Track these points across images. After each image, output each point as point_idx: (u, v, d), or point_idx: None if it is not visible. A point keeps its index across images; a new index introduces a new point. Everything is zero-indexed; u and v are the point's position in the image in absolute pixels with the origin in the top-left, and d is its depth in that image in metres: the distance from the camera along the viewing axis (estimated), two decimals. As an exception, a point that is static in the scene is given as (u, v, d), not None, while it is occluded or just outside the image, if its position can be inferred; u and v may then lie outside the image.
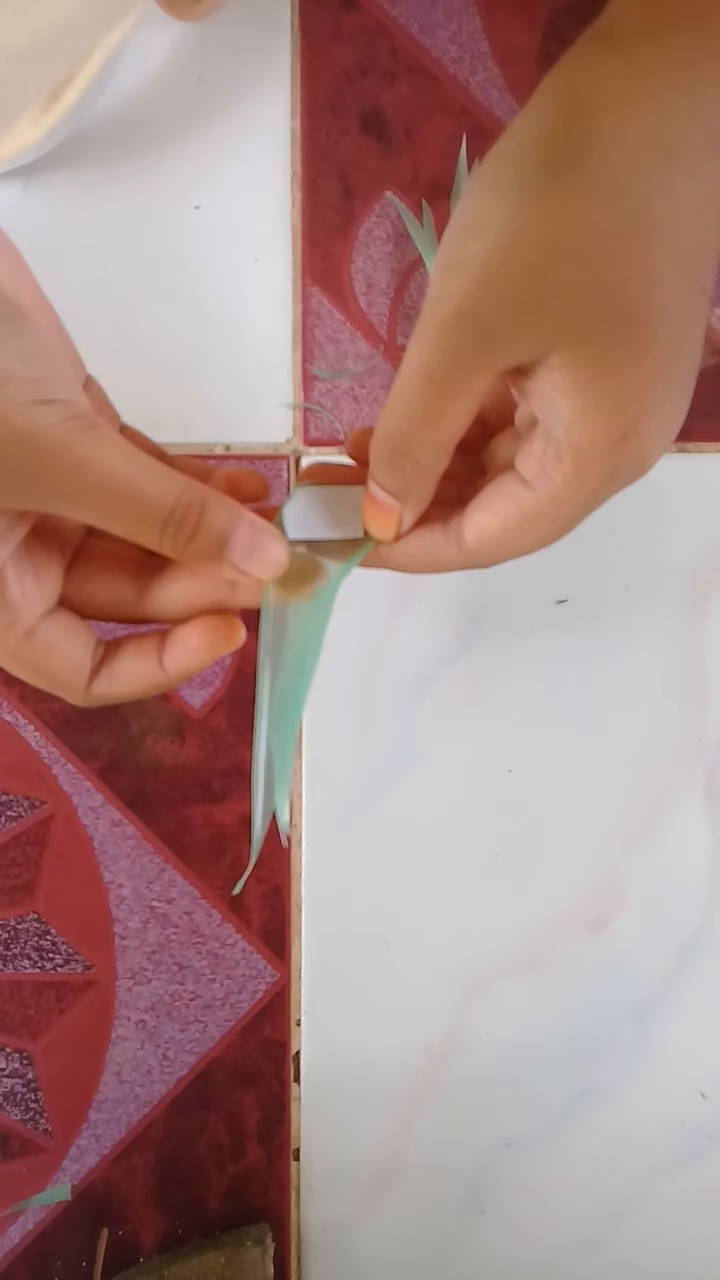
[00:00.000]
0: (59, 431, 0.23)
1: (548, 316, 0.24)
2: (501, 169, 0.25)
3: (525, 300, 0.24)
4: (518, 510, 0.27)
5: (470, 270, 0.24)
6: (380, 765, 0.44)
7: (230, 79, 0.46)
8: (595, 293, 0.24)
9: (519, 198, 0.24)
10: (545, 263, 0.24)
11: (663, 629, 0.44)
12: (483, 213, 0.24)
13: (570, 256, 0.23)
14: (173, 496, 0.25)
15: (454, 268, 0.25)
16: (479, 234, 0.24)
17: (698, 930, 0.44)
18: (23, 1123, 0.44)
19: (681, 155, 0.24)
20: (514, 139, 0.25)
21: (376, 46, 0.46)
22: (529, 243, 0.24)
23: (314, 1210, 0.44)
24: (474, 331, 0.24)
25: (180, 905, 0.44)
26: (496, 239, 0.24)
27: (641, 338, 0.24)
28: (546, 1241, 0.43)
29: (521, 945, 0.44)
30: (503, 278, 0.24)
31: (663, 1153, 0.44)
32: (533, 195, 0.24)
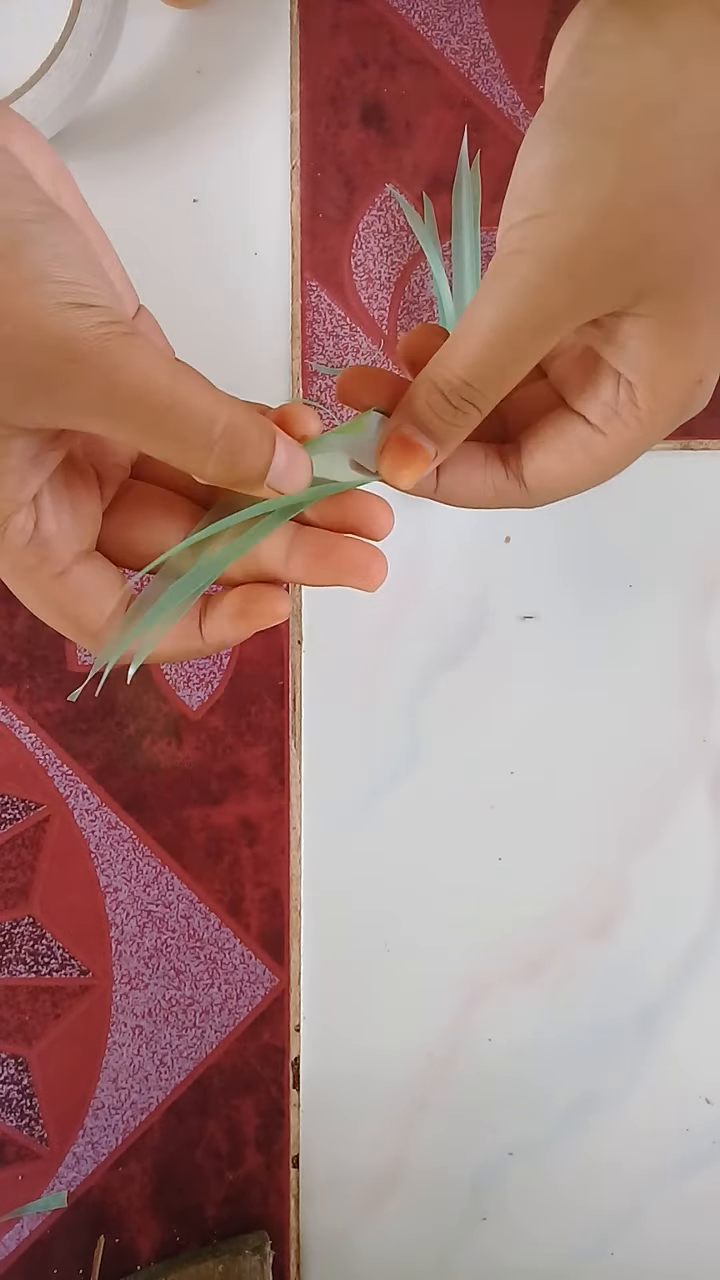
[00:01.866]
0: (93, 336, 0.22)
1: (643, 268, 0.23)
2: (594, 112, 0.23)
3: (625, 254, 0.23)
4: (586, 455, 0.27)
5: (571, 221, 0.23)
6: (381, 767, 0.44)
7: (229, 71, 0.45)
8: (686, 244, 0.23)
9: (619, 146, 0.23)
10: (647, 214, 0.23)
11: (666, 628, 0.44)
12: (576, 159, 0.23)
13: (671, 207, 0.23)
14: (224, 417, 0.23)
15: (549, 216, 0.23)
16: (573, 184, 0.23)
17: (703, 933, 0.43)
18: (18, 1129, 0.43)
19: None
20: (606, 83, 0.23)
21: (377, 38, 0.45)
22: (635, 193, 0.23)
23: (314, 1218, 0.43)
24: (570, 288, 0.23)
25: (178, 909, 0.44)
26: (602, 189, 0.23)
27: (715, 286, 0.24)
28: (549, 1248, 0.43)
29: (524, 949, 0.43)
30: (606, 232, 0.23)
31: (667, 1159, 0.43)
32: (632, 143, 0.22)
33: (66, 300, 0.22)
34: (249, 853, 0.44)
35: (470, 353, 0.25)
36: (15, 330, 0.21)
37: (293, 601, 0.44)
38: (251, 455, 0.24)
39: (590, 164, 0.23)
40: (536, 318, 0.24)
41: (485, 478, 0.28)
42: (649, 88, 0.23)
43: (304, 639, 0.44)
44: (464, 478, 0.28)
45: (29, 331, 0.21)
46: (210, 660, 0.44)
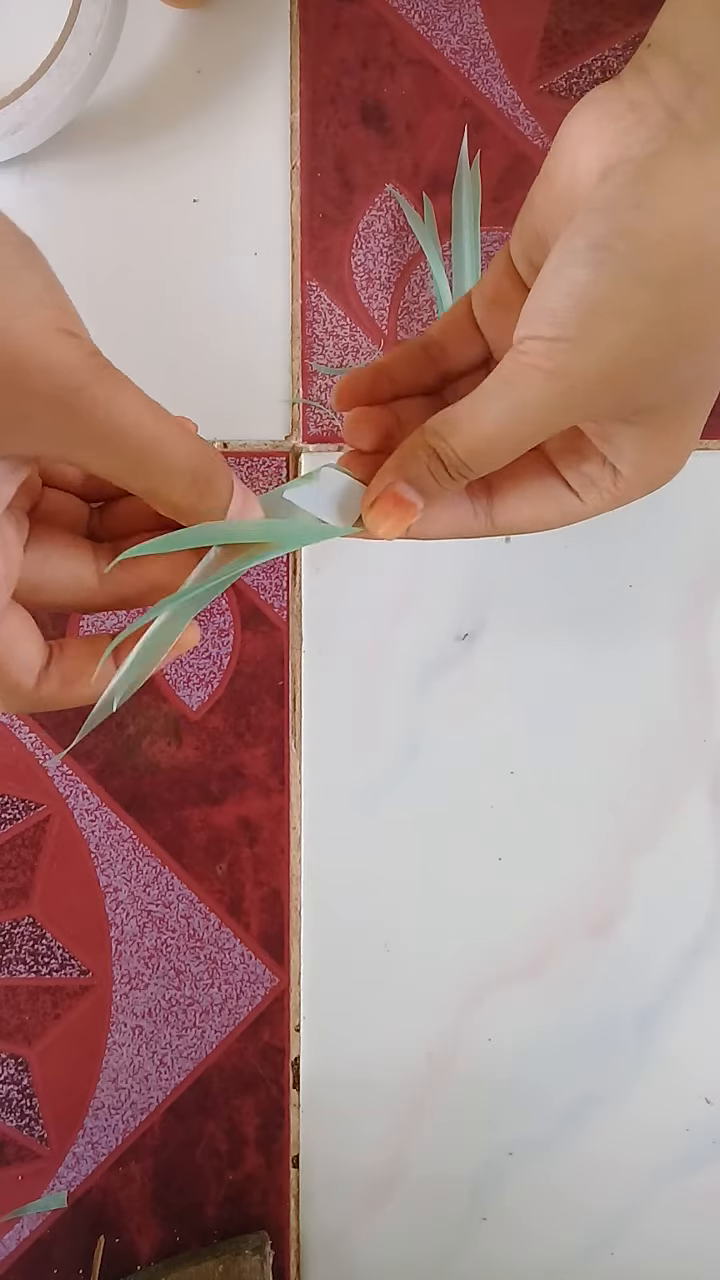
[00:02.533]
0: (90, 366, 0.22)
1: (647, 395, 0.26)
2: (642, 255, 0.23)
3: (636, 389, 0.25)
4: (558, 510, 0.29)
5: (596, 358, 0.24)
6: (381, 767, 0.44)
7: (229, 71, 0.45)
8: (694, 375, 0.25)
9: (655, 294, 0.23)
10: (666, 359, 0.24)
11: (667, 628, 0.44)
12: (610, 298, 0.24)
13: (689, 351, 0.24)
14: (197, 450, 0.24)
15: (575, 344, 0.24)
16: (611, 319, 0.24)
17: (703, 933, 0.43)
18: (18, 1129, 0.43)
19: None
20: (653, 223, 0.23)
21: (377, 38, 0.45)
22: (660, 340, 0.24)
23: (313, 1218, 0.43)
24: (578, 410, 0.25)
25: (178, 909, 0.44)
26: (630, 334, 0.24)
27: (705, 402, 0.27)
28: (549, 1249, 0.43)
29: (524, 949, 0.43)
30: (625, 372, 0.24)
31: (667, 1159, 0.43)
32: (670, 293, 0.23)
33: (60, 327, 0.22)
34: (249, 853, 0.44)
35: (474, 441, 0.26)
36: (21, 355, 0.21)
37: (294, 601, 0.44)
38: (223, 489, 0.25)
39: (624, 307, 0.24)
40: (542, 429, 0.26)
41: (455, 516, 0.30)
42: (696, 240, 0.23)
43: (304, 639, 0.44)
44: (434, 518, 0.29)
45: (37, 357, 0.21)
46: (210, 660, 0.44)
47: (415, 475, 0.27)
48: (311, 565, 0.44)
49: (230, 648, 0.44)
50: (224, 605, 0.44)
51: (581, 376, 0.24)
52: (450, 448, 0.26)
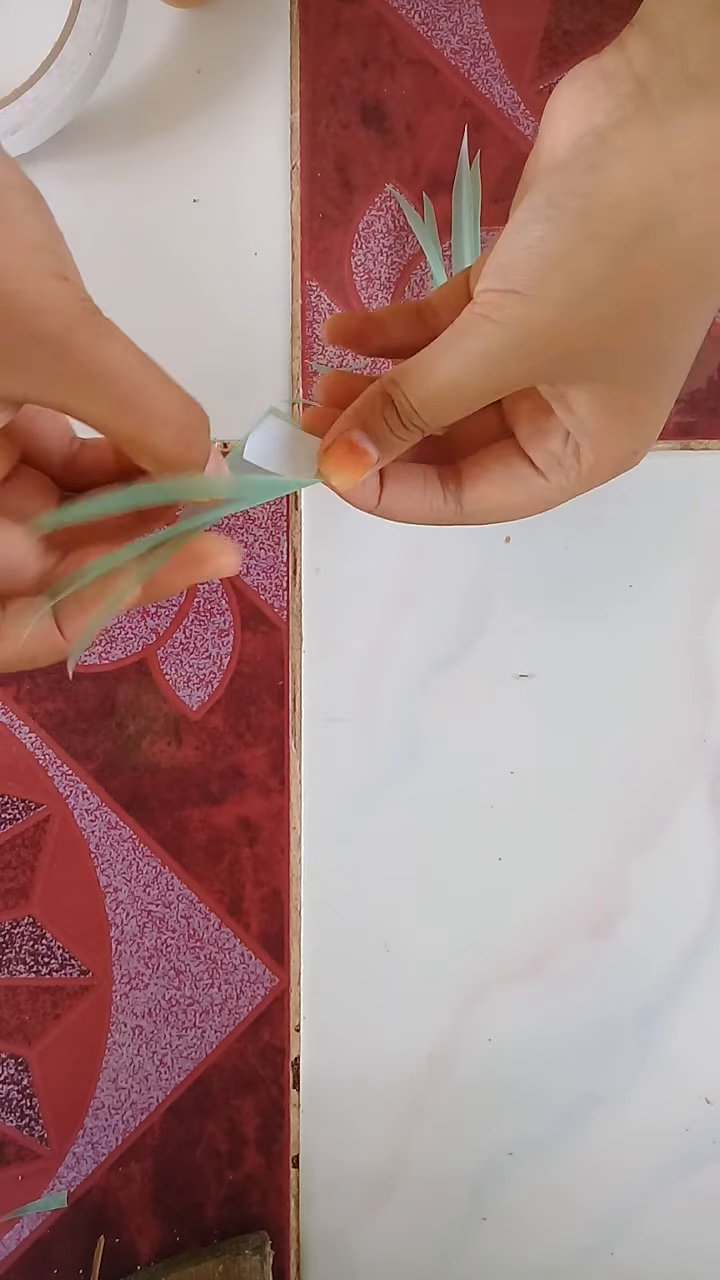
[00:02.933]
0: (82, 310, 0.22)
1: (601, 361, 0.26)
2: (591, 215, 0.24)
3: (587, 348, 0.25)
4: (526, 492, 0.29)
5: (543, 308, 0.24)
6: (381, 767, 0.44)
7: (229, 71, 0.45)
8: (651, 348, 0.26)
9: (607, 251, 0.24)
10: (619, 320, 0.25)
11: (666, 628, 0.44)
12: (563, 255, 0.24)
13: (643, 317, 0.25)
14: (185, 401, 0.24)
15: (524, 297, 0.24)
16: (554, 276, 0.24)
17: (702, 933, 0.43)
18: (18, 1129, 0.43)
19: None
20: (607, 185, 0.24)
21: (377, 38, 0.45)
22: (608, 299, 0.24)
23: (313, 1218, 0.43)
24: (527, 364, 0.25)
25: (178, 909, 0.44)
26: (578, 287, 0.24)
27: (668, 378, 0.27)
28: (549, 1249, 0.43)
29: (524, 949, 0.43)
30: (573, 327, 0.24)
31: (667, 1159, 0.43)
32: (622, 251, 0.24)
33: (56, 272, 0.22)
34: (249, 853, 0.44)
35: (426, 391, 0.26)
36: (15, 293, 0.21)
37: (294, 601, 0.44)
38: (206, 443, 0.25)
39: (573, 262, 0.24)
40: (491, 382, 0.26)
41: (424, 498, 0.30)
42: (647, 203, 0.23)
43: (304, 639, 0.44)
44: (403, 496, 0.30)
45: (30, 296, 0.21)
46: (210, 660, 0.44)
47: (370, 423, 0.27)
48: (311, 565, 0.44)
49: (230, 648, 0.44)
50: (224, 605, 0.44)
51: (530, 328, 0.24)
52: (403, 395, 0.27)
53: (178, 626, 0.44)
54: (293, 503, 0.45)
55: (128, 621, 0.44)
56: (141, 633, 0.44)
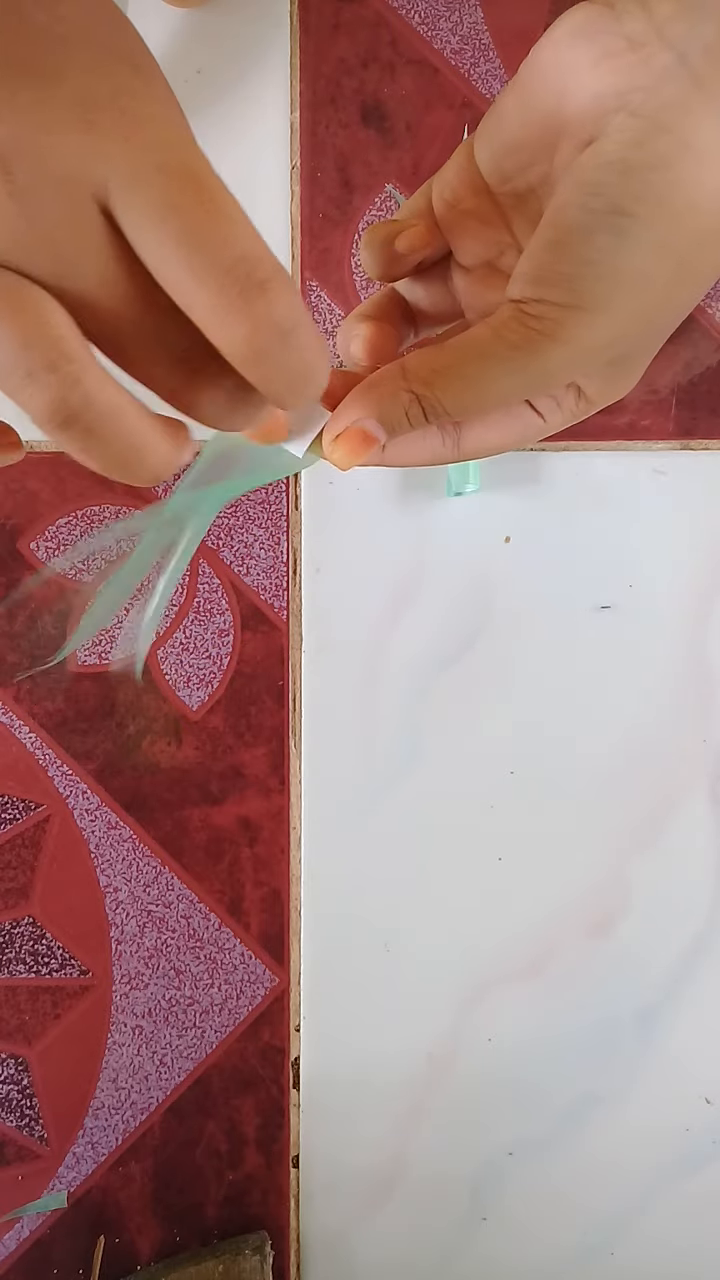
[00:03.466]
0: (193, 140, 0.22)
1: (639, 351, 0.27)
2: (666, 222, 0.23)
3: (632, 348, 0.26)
4: (522, 432, 0.29)
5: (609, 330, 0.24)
6: (381, 767, 0.44)
7: (229, 71, 0.45)
8: (670, 321, 0.26)
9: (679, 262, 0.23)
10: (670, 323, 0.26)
11: (667, 628, 0.44)
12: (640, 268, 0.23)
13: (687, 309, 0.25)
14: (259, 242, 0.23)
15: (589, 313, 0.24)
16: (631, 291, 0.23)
17: (702, 933, 0.43)
18: (18, 1129, 0.43)
19: None
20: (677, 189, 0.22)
21: (377, 38, 0.45)
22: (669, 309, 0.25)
23: (313, 1218, 0.43)
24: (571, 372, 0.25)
25: (178, 909, 0.44)
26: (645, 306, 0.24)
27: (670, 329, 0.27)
28: (549, 1248, 0.43)
29: (524, 949, 0.43)
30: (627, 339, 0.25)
31: (667, 1159, 0.43)
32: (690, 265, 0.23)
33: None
34: (249, 853, 0.44)
35: (468, 399, 0.26)
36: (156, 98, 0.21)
37: (294, 601, 0.44)
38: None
39: (643, 278, 0.23)
40: (533, 387, 0.26)
41: (424, 444, 0.30)
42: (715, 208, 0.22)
43: (304, 639, 0.44)
44: (404, 443, 0.30)
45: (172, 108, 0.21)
46: (210, 660, 0.44)
47: (388, 415, 0.27)
48: (311, 565, 0.44)
49: (230, 648, 0.44)
50: (224, 605, 0.44)
51: (591, 344, 0.24)
52: (437, 398, 0.26)
53: (178, 626, 0.44)
54: (293, 503, 0.45)
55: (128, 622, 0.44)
56: (141, 633, 0.44)
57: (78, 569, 0.45)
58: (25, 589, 0.44)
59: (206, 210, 0.19)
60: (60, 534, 0.44)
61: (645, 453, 0.44)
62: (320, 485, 0.45)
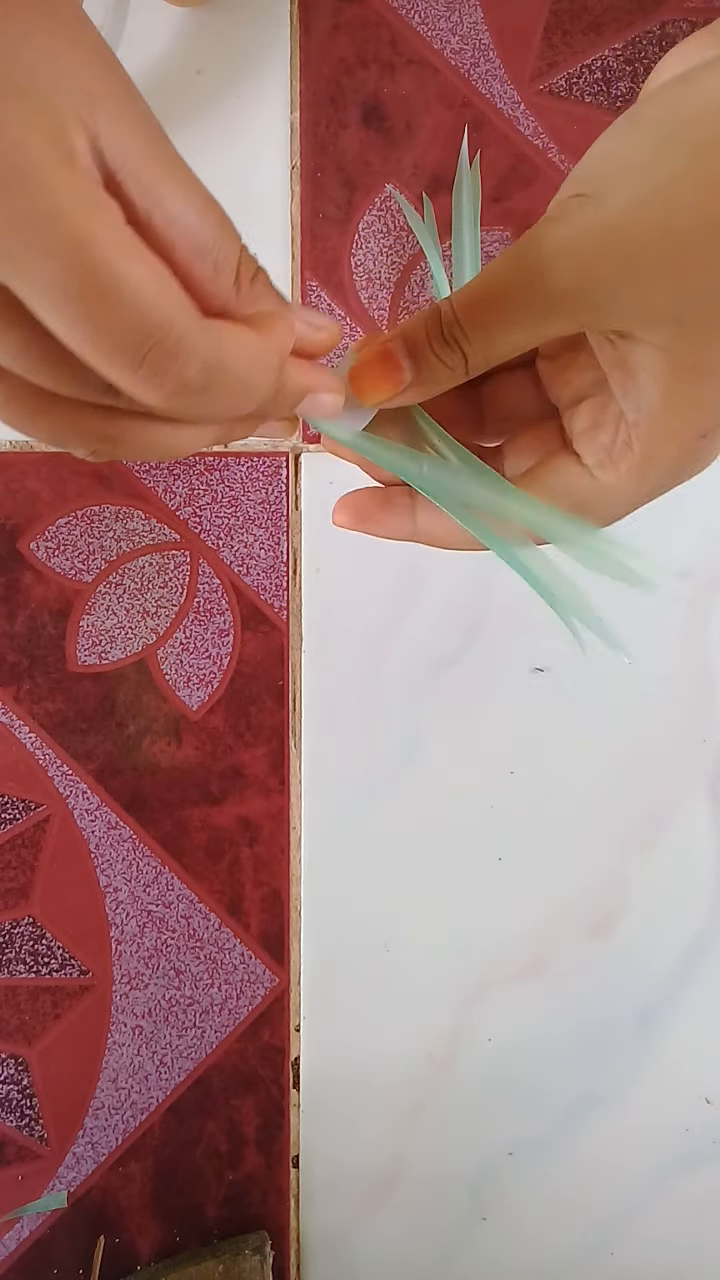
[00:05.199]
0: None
1: (663, 289, 0.22)
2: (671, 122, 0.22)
3: (648, 266, 0.22)
4: (571, 497, 0.26)
5: (605, 210, 0.22)
6: (381, 767, 0.44)
7: (229, 71, 0.45)
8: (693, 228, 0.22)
9: (689, 156, 0.21)
10: (687, 231, 0.21)
11: (668, 629, 0.44)
12: (637, 157, 0.22)
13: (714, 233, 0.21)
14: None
15: (590, 198, 0.22)
16: (626, 176, 0.22)
17: (702, 933, 0.43)
18: (18, 1129, 0.43)
19: None
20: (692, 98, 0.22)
21: (377, 38, 0.45)
22: (679, 206, 0.21)
23: (313, 1218, 0.43)
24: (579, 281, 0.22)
25: (178, 909, 0.44)
26: (643, 190, 0.21)
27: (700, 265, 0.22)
28: (549, 1249, 0.43)
29: (524, 949, 0.43)
30: (634, 235, 0.22)
31: (667, 1159, 0.43)
32: (701, 157, 0.21)
33: None
34: (249, 853, 0.44)
35: (470, 295, 0.24)
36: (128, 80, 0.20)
37: (294, 601, 0.44)
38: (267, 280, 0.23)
39: (648, 164, 0.22)
40: (539, 290, 0.23)
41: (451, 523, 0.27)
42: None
43: (304, 639, 0.44)
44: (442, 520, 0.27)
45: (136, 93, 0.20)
46: (210, 660, 0.44)
47: (410, 335, 0.25)
48: (311, 565, 0.44)
49: (230, 648, 0.44)
50: (224, 605, 0.44)
51: (588, 233, 0.22)
52: (449, 302, 0.24)
53: (178, 626, 0.44)
54: (293, 503, 0.45)
55: (128, 621, 0.44)
56: (141, 633, 0.44)
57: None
58: None
59: (96, 294, 0.18)
60: (60, 534, 0.44)
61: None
62: (320, 485, 0.45)
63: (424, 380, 0.25)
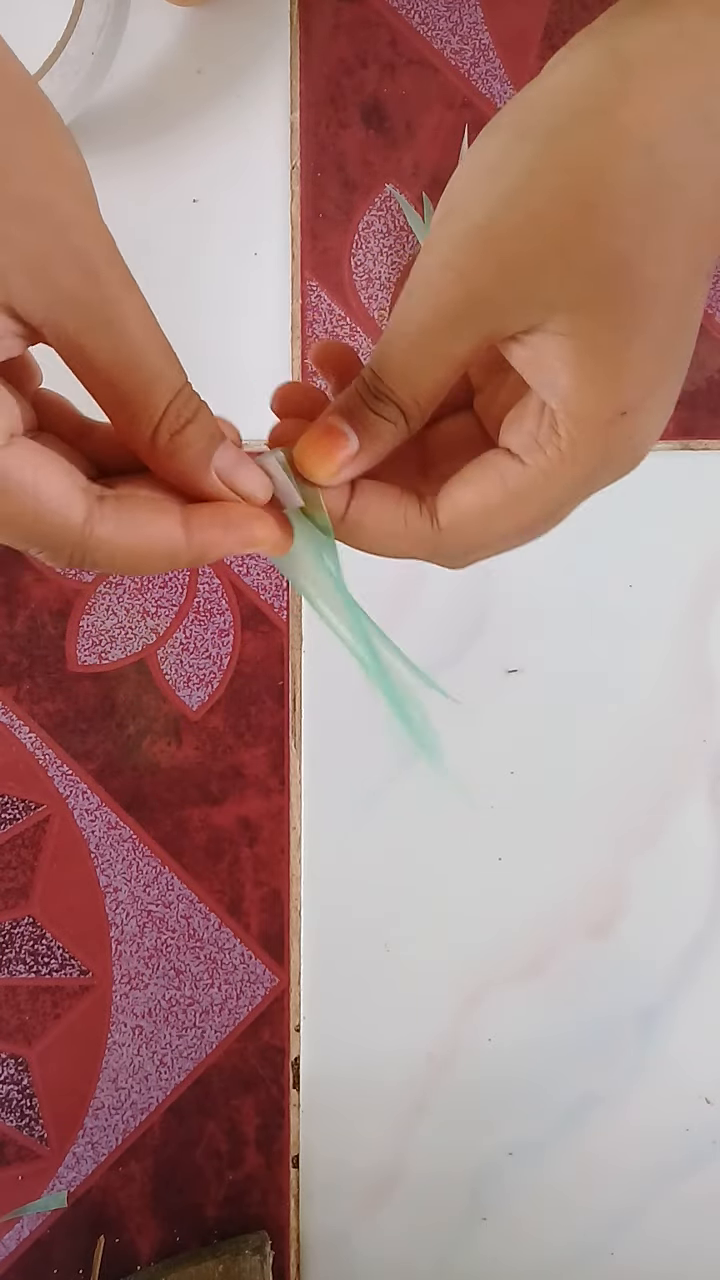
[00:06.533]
0: (114, 247, 0.22)
1: (550, 278, 0.22)
2: (526, 113, 0.22)
3: (528, 258, 0.22)
4: (502, 486, 0.25)
5: (470, 219, 0.22)
6: (381, 766, 0.44)
7: (230, 71, 0.45)
8: (605, 255, 0.22)
9: (541, 142, 0.22)
10: (555, 216, 0.22)
11: (666, 628, 0.44)
12: (495, 156, 0.22)
13: (584, 211, 0.21)
14: (185, 378, 0.23)
15: (451, 215, 0.23)
16: (486, 177, 0.22)
17: (702, 933, 0.43)
18: (18, 1129, 0.43)
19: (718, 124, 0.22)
20: (544, 87, 0.22)
21: (376, 38, 0.45)
22: (541, 191, 0.22)
23: (313, 1218, 0.43)
24: (462, 292, 0.23)
25: (178, 909, 0.44)
26: (504, 187, 0.22)
27: (646, 312, 0.23)
28: (549, 1249, 0.43)
29: (524, 949, 0.43)
30: (505, 231, 0.22)
31: (666, 1159, 0.43)
32: (557, 140, 0.21)
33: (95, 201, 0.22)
34: (249, 853, 0.44)
35: (383, 347, 0.24)
36: (56, 202, 0.21)
37: (294, 601, 0.44)
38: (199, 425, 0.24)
39: (504, 161, 0.22)
40: (442, 321, 0.23)
41: (397, 511, 0.27)
42: (582, 93, 0.22)
43: (304, 639, 0.44)
44: (375, 504, 0.27)
45: (70, 207, 0.21)
46: (210, 660, 0.44)
47: (346, 403, 0.25)
48: (311, 565, 0.44)
49: (230, 648, 0.44)
50: (224, 605, 0.44)
51: (460, 247, 0.22)
52: (369, 366, 0.25)
53: (178, 626, 0.44)
54: (293, 503, 0.45)
55: (128, 621, 0.44)
56: (141, 633, 0.44)
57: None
58: None
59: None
60: (60, 534, 0.44)
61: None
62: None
63: (370, 441, 0.25)
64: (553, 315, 0.23)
